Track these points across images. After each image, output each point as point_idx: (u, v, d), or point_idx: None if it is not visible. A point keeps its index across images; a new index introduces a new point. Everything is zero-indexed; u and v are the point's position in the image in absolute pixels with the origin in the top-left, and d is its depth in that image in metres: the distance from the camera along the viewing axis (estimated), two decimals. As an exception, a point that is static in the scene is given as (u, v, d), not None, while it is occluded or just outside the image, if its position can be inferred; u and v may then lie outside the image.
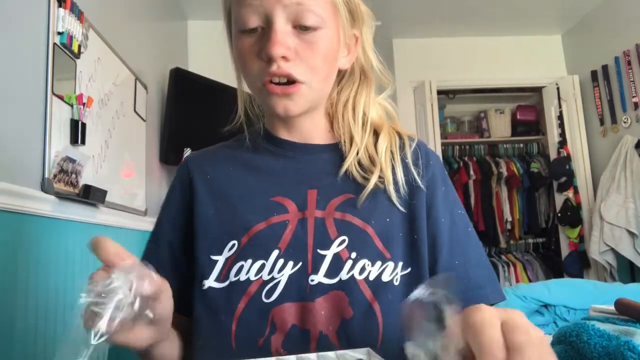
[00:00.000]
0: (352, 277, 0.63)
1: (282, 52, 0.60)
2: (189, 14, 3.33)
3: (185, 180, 0.73)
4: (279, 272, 0.64)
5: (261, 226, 0.66)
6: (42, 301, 1.37)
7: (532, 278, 3.93)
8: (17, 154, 1.30)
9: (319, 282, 0.63)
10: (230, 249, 0.66)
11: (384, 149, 0.69)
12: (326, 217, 0.66)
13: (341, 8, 0.65)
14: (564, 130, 3.67)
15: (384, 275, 0.64)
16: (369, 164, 0.68)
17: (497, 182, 4.06)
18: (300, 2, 0.60)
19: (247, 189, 0.69)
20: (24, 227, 1.31)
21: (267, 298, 0.63)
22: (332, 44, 0.65)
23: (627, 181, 3.06)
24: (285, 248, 0.64)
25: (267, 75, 0.62)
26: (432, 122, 3.62)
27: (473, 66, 3.80)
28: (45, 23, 1.46)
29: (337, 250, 0.64)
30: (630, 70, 3.14)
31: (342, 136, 0.71)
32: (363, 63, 0.72)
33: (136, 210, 2.18)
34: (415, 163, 0.70)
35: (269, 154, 0.72)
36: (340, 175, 0.68)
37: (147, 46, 2.54)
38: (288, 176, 0.69)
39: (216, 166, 0.73)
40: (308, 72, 0.63)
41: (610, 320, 0.59)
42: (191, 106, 2.73)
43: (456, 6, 3.38)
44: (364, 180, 0.67)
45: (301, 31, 0.61)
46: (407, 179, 0.68)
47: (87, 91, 1.68)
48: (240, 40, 0.63)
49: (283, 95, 0.63)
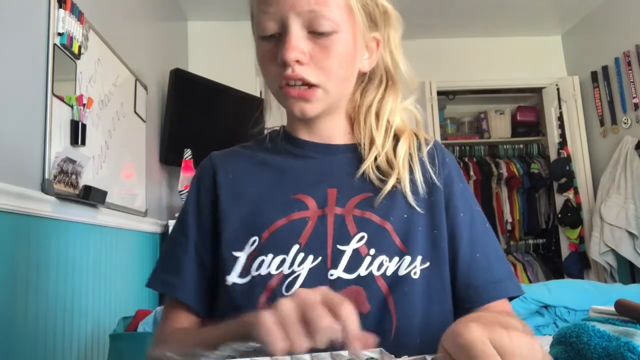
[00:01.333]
0: (370, 273, 0.65)
1: (295, 57, 0.62)
2: (189, 14, 3.34)
3: (209, 175, 0.74)
4: (299, 265, 0.65)
5: (282, 222, 0.67)
6: (42, 301, 1.37)
7: (533, 279, 3.93)
8: (17, 155, 1.30)
9: (338, 276, 0.65)
10: (252, 245, 0.67)
11: (403, 153, 0.71)
12: (346, 214, 0.68)
13: (357, 12, 0.66)
14: (564, 131, 3.67)
15: (401, 269, 0.66)
16: (386, 167, 0.70)
17: (497, 182, 4.06)
18: (314, 10, 0.61)
19: (267, 187, 0.71)
20: (24, 228, 1.31)
21: (287, 291, 0.64)
22: (348, 47, 0.66)
23: (627, 182, 3.06)
24: (305, 243, 0.66)
25: (283, 79, 0.64)
26: (432, 123, 3.63)
27: (473, 67, 3.80)
28: (46, 24, 1.46)
29: (357, 246, 0.66)
30: (630, 71, 3.14)
31: (362, 139, 0.72)
32: (389, 65, 0.73)
33: (136, 211, 2.18)
34: (431, 162, 0.72)
35: (289, 154, 0.74)
36: (358, 176, 0.70)
37: (147, 47, 2.54)
38: (308, 175, 0.71)
39: (238, 165, 0.74)
40: (322, 75, 0.64)
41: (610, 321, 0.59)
42: (191, 107, 2.73)
43: (456, 7, 3.38)
44: (381, 183, 0.69)
45: (316, 36, 0.63)
46: (424, 178, 0.70)
47: (87, 92, 1.69)
48: (260, 46, 0.66)
49: (300, 98, 0.65)
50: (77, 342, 1.56)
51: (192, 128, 2.70)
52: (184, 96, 2.69)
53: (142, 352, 1.37)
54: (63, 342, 1.48)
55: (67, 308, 1.52)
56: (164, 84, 2.70)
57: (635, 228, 2.94)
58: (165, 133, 2.63)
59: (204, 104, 2.81)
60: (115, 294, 1.90)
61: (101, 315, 1.76)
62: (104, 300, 1.80)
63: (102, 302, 1.78)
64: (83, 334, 1.61)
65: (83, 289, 1.63)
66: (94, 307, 1.70)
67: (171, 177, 2.80)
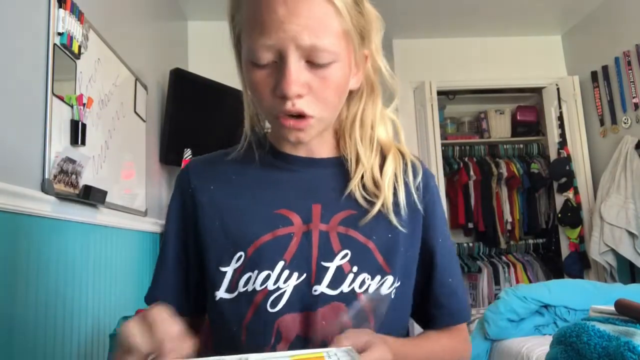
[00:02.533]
0: (352, 290, 0.67)
1: (296, 91, 0.60)
2: (189, 14, 3.34)
3: (186, 191, 0.74)
4: (284, 282, 0.66)
5: (267, 238, 0.68)
6: (42, 302, 1.37)
7: (533, 279, 3.93)
8: (17, 155, 1.30)
9: (322, 292, 0.66)
10: (238, 260, 0.68)
11: (389, 175, 0.71)
12: (330, 230, 0.68)
13: (353, 34, 0.65)
14: (564, 130, 3.67)
15: (383, 288, 0.68)
16: (372, 187, 0.70)
17: (497, 182, 4.06)
18: (314, 43, 0.59)
19: (251, 200, 0.71)
20: (24, 227, 1.31)
21: (272, 308, 0.66)
22: (345, 74, 0.65)
23: (627, 182, 3.06)
24: (290, 259, 0.67)
25: (281, 112, 0.63)
26: (432, 123, 3.62)
27: (473, 67, 3.80)
28: (46, 24, 1.46)
29: (340, 263, 0.67)
30: (630, 70, 3.14)
31: (349, 154, 0.72)
32: (370, 73, 0.72)
33: (136, 211, 2.17)
34: (416, 186, 0.73)
35: (274, 167, 0.73)
36: (345, 194, 0.70)
37: (147, 47, 2.54)
38: (293, 190, 0.71)
39: (219, 177, 0.74)
40: (320, 106, 0.64)
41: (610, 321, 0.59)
42: (191, 106, 2.73)
43: (456, 6, 3.38)
44: (366, 202, 0.69)
45: (314, 67, 0.61)
46: (407, 201, 0.71)
47: (87, 92, 1.69)
48: (253, 73, 0.63)
49: (294, 128, 0.64)
50: (77, 342, 1.56)
51: (192, 128, 2.70)
52: (184, 96, 2.69)
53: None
54: (63, 342, 1.48)
55: (67, 308, 1.52)
56: (164, 84, 2.70)
57: (635, 228, 2.94)
58: (165, 133, 2.63)
59: (204, 104, 2.81)
60: (115, 294, 1.90)
61: (101, 315, 1.76)
62: (104, 300, 1.80)
63: (102, 302, 1.78)
64: (83, 333, 1.61)
65: (83, 289, 1.63)
66: (94, 307, 1.70)
67: (171, 177, 2.80)
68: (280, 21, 0.59)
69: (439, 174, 3.60)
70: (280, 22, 0.59)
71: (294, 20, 0.59)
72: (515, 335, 2.16)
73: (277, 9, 0.59)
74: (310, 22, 0.59)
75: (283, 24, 0.59)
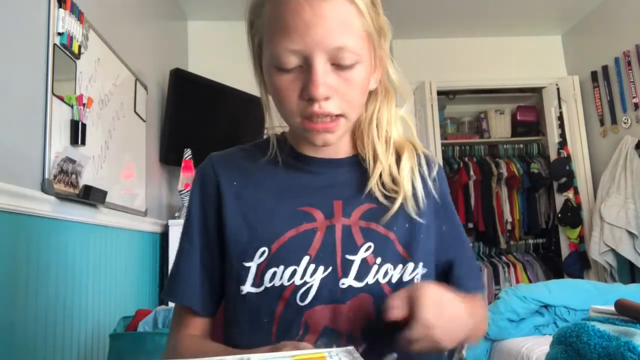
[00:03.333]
0: (376, 281, 0.69)
1: (324, 93, 0.62)
2: (189, 14, 3.33)
3: (212, 180, 0.75)
4: (310, 276, 0.68)
5: (291, 233, 0.69)
6: (42, 301, 1.37)
7: (533, 279, 3.93)
8: (17, 155, 1.30)
9: (349, 285, 0.68)
10: (261, 256, 0.69)
11: (407, 171, 0.74)
12: (352, 225, 0.70)
13: (374, 35, 0.67)
14: (564, 130, 3.67)
15: (405, 275, 0.70)
16: (391, 184, 0.73)
17: (497, 182, 4.06)
18: (339, 46, 0.61)
19: (274, 199, 0.72)
20: (24, 227, 1.31)
21: (302, 301, 0.67)
22: (367, 74, 0.67)
23: (627, 182, 3.06)
24: (315, 254, 0.68)
25: (308, 114, 0.64)
26: (432, 123, 3.62)
27: (473, 67, 3.80)
28: (46, 24, 1.46)
29: (365, 255, 0.69)
30: (630, 70, 3.14)
31: (367, 153, 0.74)
32: (384, 76, 0.74)
33: (136, 211, 2.18)
34: (432, 178, 0.77)
35: (295, 169, 0.74)
36: (365, 192, 0.72)
37: (147, 47, 2.54)
38: (314, 189, 0.73)
39: (242, 173, 0.75)
40: (346, 106, 0.65)
41: (610, 321, 0.59)
42: (191, 106, 2.73)
43: (456, 7, 3.38)
44: (385, 199, 0.72)
45: (340, 69, 0.63)
46: (425, 193, 0.75)
47: (87, 92, 1.69)
48: (278, 78, 0.64)
49: (324, 131, 0.65)
50: (77, 342, 1.56)
51: (192, 128, 2.70)
52: (184, 96, 2.69)
53: (142, 352, 1.38)
54: (63, 342, 1.48)
55: (67, 308, 1.52)
56: (164, 83, 2.70)
57: (635, 228, 2.94)
58: (165, 133, 2.63)
59: (204, 104, 2.81)
60: (115, 294, 1.90)
61: (101, 315, 1.76)
62: (104, 300, 1.80)
63: (102, 302, 1.78)
64: (83, 334, 1.61)
65: (83, 289, 1.63)
66: (94, 307, 1.70)
67: (171, 177, 2.80)
68: (305, 25, 0.59)
69: (439, 174, 3.59)
70: (306, 26, 0.59)
71: (319, 23, 0.59)
72: (515, 335, 2.15)
73: (302, 13, 0.59)
74: (335, 25, 0.60)
75: (309, 28, 0.59)
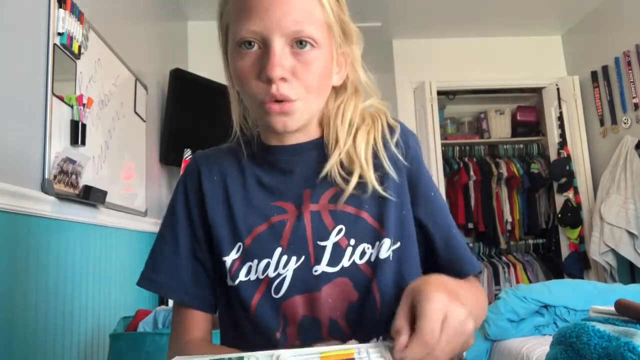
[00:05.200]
0: (353, 263, 0.68)
1: (280, 74, 0.63)
2: (189, 14, 3.34)
3: (195, 177, 0.76)
4: (283, 268, 0.68)
5: (263, 227, 0.70)
6: (42, 302, 1.37)
7: (533, 279, 3.93)
8: (17, 155, 1.30)
9: (323, 271, 0.67)
10: (238, 251, 0.70)
11: (363, 149, 0.72)
12: (321, 209, 0.70)
13: (335, 28, 0.68)
14: (564, 131, 3.67)
15: (381, 252, 0.69)
16: (349, 163, 0.71)
17: (497, 182, 4.06)
18: (297, 30, 0.63)
19: (247, 194, 0.73)
20: (24, 227, 1.31)
21: (277, 293, 0.68)
22: (326, 63, 0.68)
23: (627, 182, 3.06)
24: (287, 245, 0.69)
25: (267, 96, 0.64)
26: (432, 123, 3.62)
27: (473, 67, 3.80)
28: (46, 24, 1.46)
29: (336, 239, 0.68)
30: (630, 70, 3.14)
31: (330, 140, 0.74)
32: (352, 78, 0.75)
33: (136, 211, 2.18)
34: (395, 143, 0.73)
35: (266, 163, 0.75)
36: (325, 174, 0.71)
37: (147, 47, 2.54)
38: (284, 183, 0.73)
39: (220, 169, 0.76)
40: (303, 90, 0.66)
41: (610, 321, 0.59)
42: (191, 106, 2.73)
43: (456, 7, 3.38)
44: (344, 181, 0.70)
45: (298, 51, 0.64)
46: (392, 164, 0.72)
47: (87, 92, 1.69)
48: (239, 60, 0.66)
49: (281, 113, 0.65)
50: (77, 342, 1.56)
51: (192, 128, 2.70)
52: (184, 96, 2.69)
53: (142, 352, 1.38)
54: (63, 342, 1.48)
55: (67, 308, 1.52)
56: (164, 84, 2.70)
57: (635, 228, 2.94)
58: (165, 133, 2.63)
59: (204, 104, 2.81)
60: (115, 294, 1.90)
61: (101, 315, 1.76)
62: (104, 300, 1.80)
63: (102, 302, 1.78)
64: (83, 334, 1.61)
65: (83, 289, 1.63)
66: (94, 307, 1.70)
67: (171, 177, 2.80)
68: (265, 7, 0.62)
69: (439, 174, 3.60)
70: (265, 9, 0.62)
71: (278, 6, 0.62)
72: (515, 336, 2.15)
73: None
74: (294, 9, 0.63)
75: (267, 10, 0.62)
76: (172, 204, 0.77)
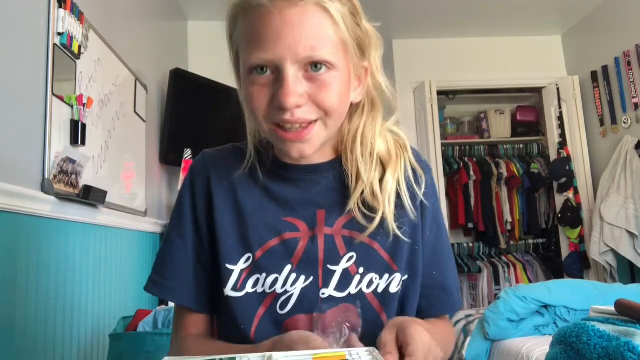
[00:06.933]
0: (360, 291, 0.69)
1: (295, 102, 0.60)
2: (189, 14, 3.34)
3: (203, 179, 0.74)
4: (291, 285, 0.68)
5: (275, 242, 0.70)
6: (42, 302, 1.37)
7: (533, 279, 3.92)
8: (17, 155, 1.30)
9: (330, 295, 0.68)
10: (246, 261, 0.69)
11: (388, 190, 0.71)
12: (335, 234, 0.70)
13: (350, 45, 0.65)
14: (564, 130, 3.67)
15: (392, 286, 0.70)
16: (372, 201, 0.70)
17: (497, 182, 4.06)
18: (312, 54, 0.60)
19: (260, 206, 0.72)
20: (24, 227, 1.31)
21: (282, 310, 0.68)
22: (344, 82, 0.65)
23: (627, 182, 3.06)
24: (297, 263, 0.69)
25: (279, 122, 0.62)
26: (432, 123, 3.62)
27: (473, 67, 3.80)
28: (46, 24, 1.46)
29: (346, 266, 0.69)
30: (630, 70, 3.14)
31: (350, 169, 0.72)
32: (371, 89, 0.72)
33: (136, 211, 2.17)
34: (417, 183, 0.74)
35: (279, 178, 0.73)
36: (345, 210, 0.70)
37: (147, 47, 2.54)
38: (297, 199, 0.72)
39: (230, 172, 0.74)
40: (321, 112, 0.63)
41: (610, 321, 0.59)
42: (191, 106, 2.73)
43: (456, 7, 3.38)
44: (364, 217, 0.69)
45: (313, 74, 0.61)
46: (412, 204, 0.72)
47: (87, 92, 1.69)
48: (251, 87, 0.63)
49: (297, 140, 0.64)
50: (77, 342, 1.56)
51: (192, 128, 2.70)
52: (184, 96, 2.69)
53: (142, 352, 1.38)
54: (63, 342, 1.48)
55: (67, 308, 1.52)
56: (164, 84, 2.70)
57: (635, 228, 2.94)
58: (165, 133, 2.63)
59: (204, 104, 2.81)
60: (115, 294, 1.90)
61: (101, 315, 1.76)
62: (104, 300, 1.80)
63: (102, 302, 1.78)
64: (83, 334, 1.61)
65: (83, 289, 1.63)
66: (94, 307, 1.70)
67: (171, 177, 2.80)
68: (276, 34, 0.59)
69: (439, 174, 3.60)
70: (276, 35, 0.59)
71: (289, 31, 0.59)
72: (515, 336, 2.15)
73: (272, 22, 0.59)
74: (306, 33, 0.59)
75: (279, 36, 0.59)
76: (179, 206, 0.76)
